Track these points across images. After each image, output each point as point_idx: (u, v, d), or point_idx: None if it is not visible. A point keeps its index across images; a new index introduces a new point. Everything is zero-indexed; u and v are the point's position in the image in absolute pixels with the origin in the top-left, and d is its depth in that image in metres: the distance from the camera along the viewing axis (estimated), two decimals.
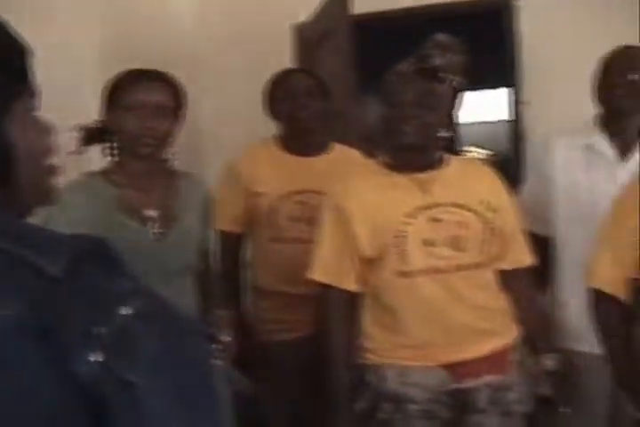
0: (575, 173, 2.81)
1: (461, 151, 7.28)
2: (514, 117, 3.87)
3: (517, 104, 3.82)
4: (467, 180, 2.40)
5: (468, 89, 7.08)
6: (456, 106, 2.44)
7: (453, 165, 2.41)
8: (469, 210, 2.32)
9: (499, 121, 6.36)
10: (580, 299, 2.32)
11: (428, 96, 2.26)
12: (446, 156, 2.42)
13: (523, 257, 2.47)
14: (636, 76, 2.73)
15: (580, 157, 2.82)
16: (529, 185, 2.96)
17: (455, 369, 2.32)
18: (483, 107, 6.91)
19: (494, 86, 6.37)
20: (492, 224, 2.34)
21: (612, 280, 2.20)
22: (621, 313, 2.20)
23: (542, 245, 2.85)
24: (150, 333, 0.91)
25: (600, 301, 2.23)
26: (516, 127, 3.86)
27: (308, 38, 4.09)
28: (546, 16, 3.71)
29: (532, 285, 2.53)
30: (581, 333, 2.63)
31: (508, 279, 2.43)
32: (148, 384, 0.88)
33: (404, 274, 2.28)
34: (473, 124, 7.32)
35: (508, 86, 3.99)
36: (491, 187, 2.44)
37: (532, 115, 3.74)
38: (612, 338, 2.22)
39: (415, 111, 2.25)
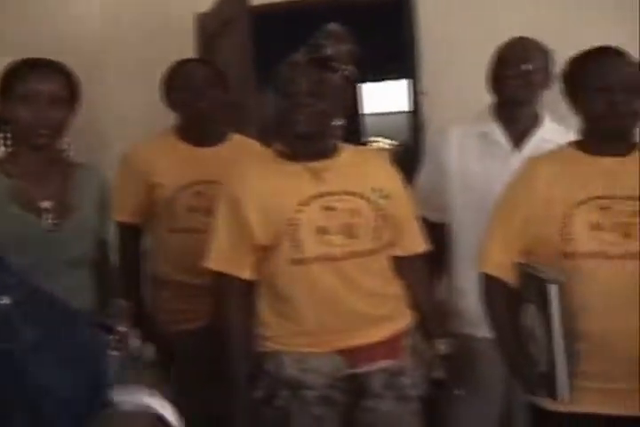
0: (470, 160, 2.88)
1: (366, 141, 7.41)
2: (413, 108, 3.93)
3: (416, 95, 3.87)
4: (360, 168, 2.44)
5: (371, 80, 7.15)
6: (350, 95, 2.47)
7: (347, 153, 2.45)
8: (362, 197, 2.37)
9: (401, 112, 6.44)
10: (475, 285, 2.38)
11: (319, 85, 2.29)
12: (340, 144, 2.45)
13: (416, 244, 2.54)
14: (530, 67, 2.81)
15: (474, 146, 2.89)
16: (425, 173, 3.02)
17: (351, 355, 2.37)
18: (386, 98, 6.98)
19: (396, 77, 6.45)
20: (384, 211, 2.39)
21: (501, 265, 2.28)
22: (510, 298, 2.28)
23: (439, 232, 2.92)
24: (31, 320, 0.93)
25: (490, 285, 2.31)
26: (415, 117, 3.92)
27: (209, 29, 4.08)
28: (444, 7, 3.76)
29: (426, 271, 2.60)
30: (478, 318, 2.69)
31: (402, 266, 2.50)
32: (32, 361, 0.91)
33: (297, 262, 2.31)
34: (377, 114, 7.40)
35: (408, 77, 4.05)
36: (384, 175, 2.49)
37: (431, 105, 3.79)
38: (500, 322, 2.30)
39: (308, 100, 2.28)
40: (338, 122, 2.36)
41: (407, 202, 2.51)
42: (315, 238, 2.31)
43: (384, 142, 7.65)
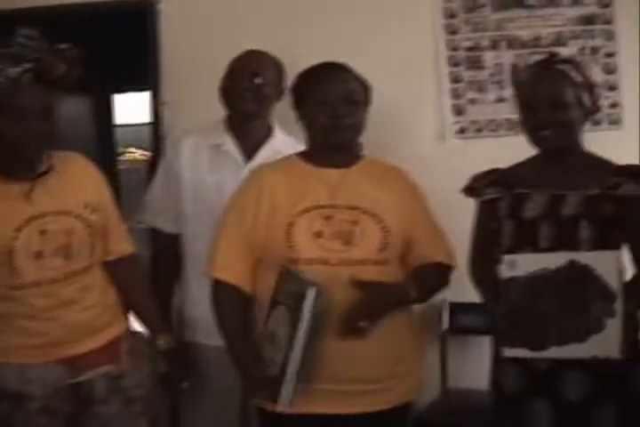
0: (203, 172, 2.92)
1: (120, 152, 7.33)
2: (154, 119, 3.93)
3: (157, 106, 3.87)
4: (72, 184, 2.44)
5: (120, 91, 7.04)
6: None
7: (57, 168, 2.41)
8: (75, 216, 2.38)
9: (148, 123, 6.41)
10: (207, 293, 2.42)
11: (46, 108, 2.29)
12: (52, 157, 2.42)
13: (123, 246, 2.60)
14: (261, 80, 2.89)
15: (207, 157, 2.94)
16: (158, 183, 3.03)
17: (73, 363, 2.38)
18: (135, 109, 6.94)
19: (141, 89, 6.40)
20: (96, 226, 2.42)
21: (230, 270, 2.35)
22: (242, 301, 2.35)
23: (172, 242, 2.95)
24: None
25: (219, 290, 2.37)
26: (156, 128, 3.92)
27: None
28: (186, 19, 3.79)
29: (138, 271, 2.67)
30: (211, 326, 2.74)
31: (114, 269, 2.55)
32: None
33: (15, 287, 2.31)
34: (128, 125, 7.33)
35: (150, 89, 4.03)
36: (93, 187, 2.50)
37: (172, 116, 3.80)
38: (229, 325, 2.35)
39: (29, 118, 2.26)
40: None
41: (114, 207, 2.56)
42: (31, 263, 2.31)
43: (138, 153, 7.60)
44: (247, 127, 2.95)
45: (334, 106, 2.31)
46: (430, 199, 2.53)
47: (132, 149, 7.69)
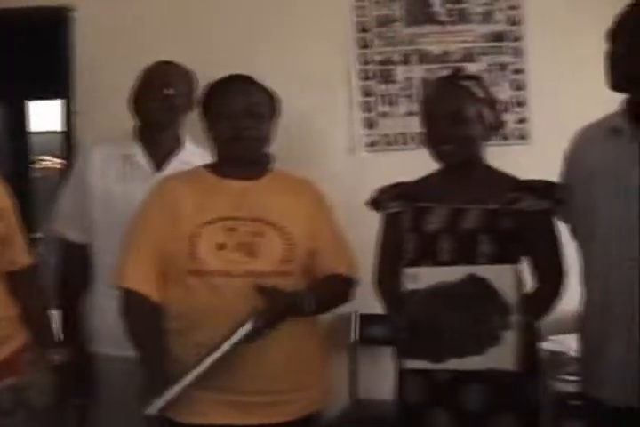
0: (112, 182, 2.89)
1: (34, 160, 7.21)
2: (67, 128, 3.89)
3: (70, 114, 3.84)
4: None
5: (35, 99, 6.93)
6: None
7: None
8: None
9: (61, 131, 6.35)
10: (115, 303, 2.39)
11: None
12: None
13: (25, 257, 2.57)
14: (171, 91, 2.88)
15: (117, 167, 2.91)
16: (68, 193, 2.98)
17: None
18: (49, 117, 6.84)
19: (55, 97, 6.32)
20: (0, 235, 2.39)
21: (138, 279, 2.32)
22: (152, 311, 2.32)
23: (81, 252, 2.92)
24: None
25: (128, 299, 2.34)
26: (69, 137, 3.89)
27: None
28: (99, 28, 3.77)
29: (33, 284, 2.62)
30: (118, 336, 2.72)
31: (15, 282, 2.52)
32: None
33: None
34: (43, 133, 7.23)
35: (63, 97, 4.00)
36: None
37: (85, 125, 3.77)
38: (139, 335, 2.32)
39: None
40: None
41: (14, 217, 2.53)
42: None
43: (52, 161, 7.49)
44: (157, 138, 2.93)
45: (237, 118, 2.31)
46: (340, 212, 2.55)
47: (47, 157, 7.57)
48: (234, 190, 2.37)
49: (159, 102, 2.87)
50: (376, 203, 2.54)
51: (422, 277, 2.23)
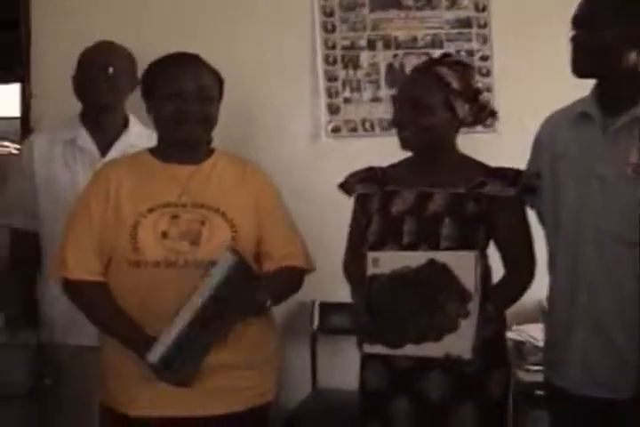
0: (56, 168, 2.82)
1: None
2: (24, 112, 3.80)
3: (27, 98, 3.75)
4: None
5: None
6: None
7: None
8: None
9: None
10: None
11: None
12: None
13: None
14: (113, 71, 2.80)
15: (61, 153, 2.84)
16: (14, 180, 2.93)
17: None
18: (9, 101, 6.74)
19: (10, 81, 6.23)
20: None
21: (86, 268, 2.22)
22: (105, 294, 2.21)
23: (32, 240, 2.85)
24: None
25: (79, 289, 2.24)
26: (26, 122, 3.80)
27: None
28: (58, 10, 3.67)
29: None
30: (68, 325, 2.67)
31: None
32: None
33: None
34: (1, 118, 7.14)
35: (20, 81, 3.91)
36: None
37: (41, 109, 3.68)
38: (100, 314, 2.23)
39: None
40: None
41: None
42: None
43: (11, 147, 7.39)
44: (102, 121, 2.87)
45: (184, 100, 2.21)
46: (301, 198, 2.49)
47: (5, 143, 7.47)
48: (177, 175, 2.26)
49: (103, 83, 2.79)
50: (345, 185, 2.48)
51: (384, 262, 2.19)
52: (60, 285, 2.28)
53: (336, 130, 3.48)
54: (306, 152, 3.46)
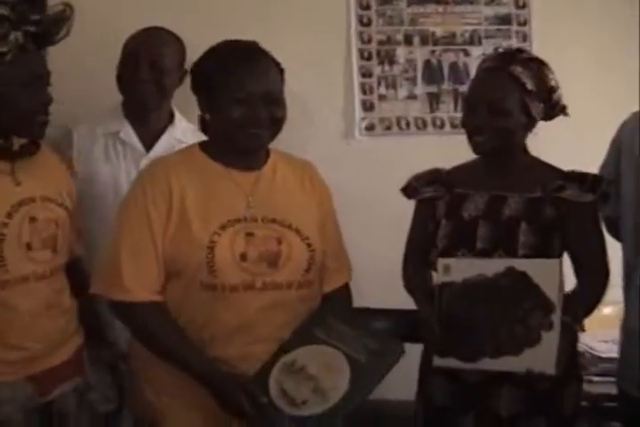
0: (97, 163, 2.64)
1: None
2: None
3: None
4: (51, 169, 2.16)
5: None
6: None
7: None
8: (59, 204, 2.11)
9: None
10: None
11: None
12: None
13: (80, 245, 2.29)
14: (161, 67, 2.61)
15: (102, 147, 2.66)
16: None
17: (40, 378, 2.04)
18: None
19: None
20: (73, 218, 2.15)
21: (146, 285, 1.97)
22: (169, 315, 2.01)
23: None
24: None
25: (132, 309, 1.99)
26: None
27: None
28: None
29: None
30: None
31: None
32: None
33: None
34: None
35: None
36: (66, 175, 2.23)
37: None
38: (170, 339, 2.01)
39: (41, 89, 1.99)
40: None
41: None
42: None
43: None
44: (147, 115, 2.69)
45: (256, 107, 1.97)
46: (335, 199, 2.32)
47: None
48: (243, 184, 2.03)
49: (149, 84, 2.61)
50: (409, 188, 2.34)
51: (457, 269, 2.06)
52: (106, 301, 2.05)
53: (370, 128, 3.34)
54: (339, 151, 3.31)
